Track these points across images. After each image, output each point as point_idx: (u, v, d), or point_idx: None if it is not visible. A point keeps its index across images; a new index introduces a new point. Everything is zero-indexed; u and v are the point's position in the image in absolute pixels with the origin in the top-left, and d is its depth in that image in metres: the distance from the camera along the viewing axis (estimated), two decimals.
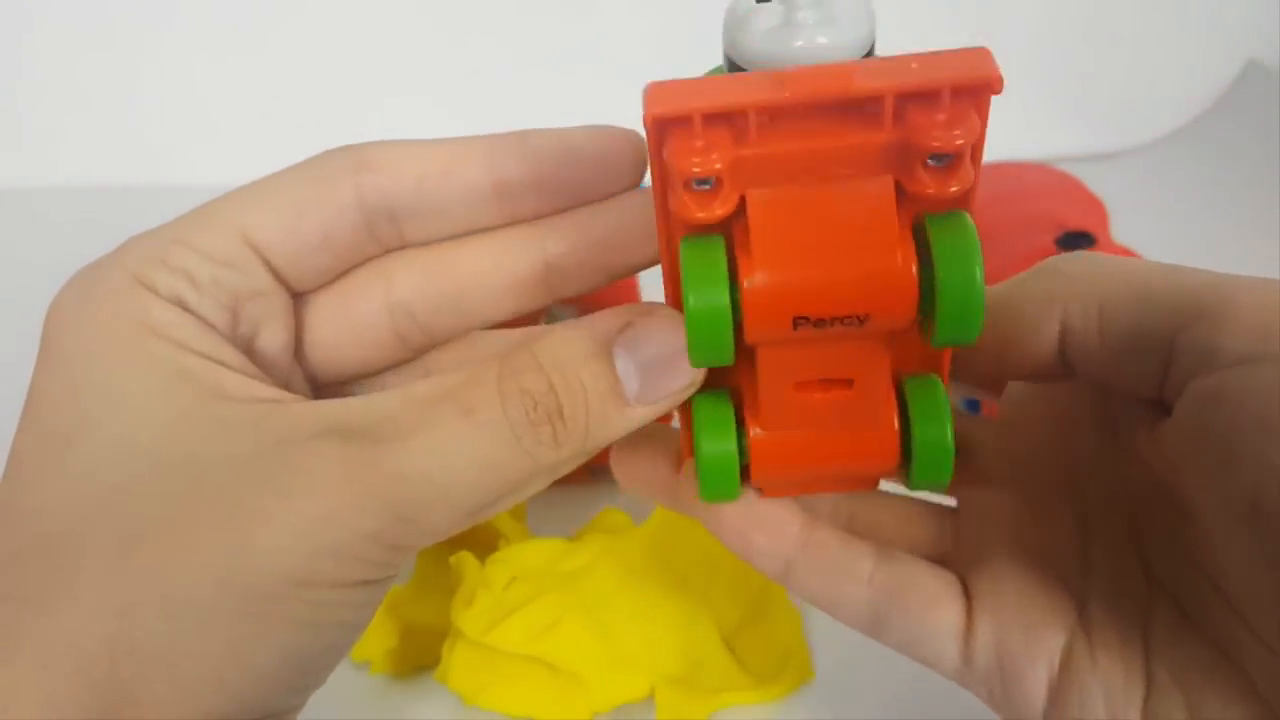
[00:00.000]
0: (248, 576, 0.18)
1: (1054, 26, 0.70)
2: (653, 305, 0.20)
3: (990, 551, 0.22)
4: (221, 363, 0.20)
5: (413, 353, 0.24)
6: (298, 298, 0.22)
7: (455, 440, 0.18)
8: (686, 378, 0.20)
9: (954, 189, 0.17)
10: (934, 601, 0.22)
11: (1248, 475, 0.17)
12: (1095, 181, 0.49)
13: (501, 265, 0.23)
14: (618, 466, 0.24)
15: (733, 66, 0.18)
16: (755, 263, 0.17)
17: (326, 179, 0.21)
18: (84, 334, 0.20)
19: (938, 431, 0.20)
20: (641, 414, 0.20)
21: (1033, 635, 0.21)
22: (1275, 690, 0.18)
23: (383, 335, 0.23)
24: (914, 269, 0.17)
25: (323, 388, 0.24)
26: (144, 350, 0.19)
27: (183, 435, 0.19)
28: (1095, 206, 0.47)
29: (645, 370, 0.19)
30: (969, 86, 0.16)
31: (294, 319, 0.23)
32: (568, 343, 0.19)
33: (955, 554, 0.23)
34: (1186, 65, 0.70)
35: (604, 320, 0.20)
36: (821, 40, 0.17)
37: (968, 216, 0.17)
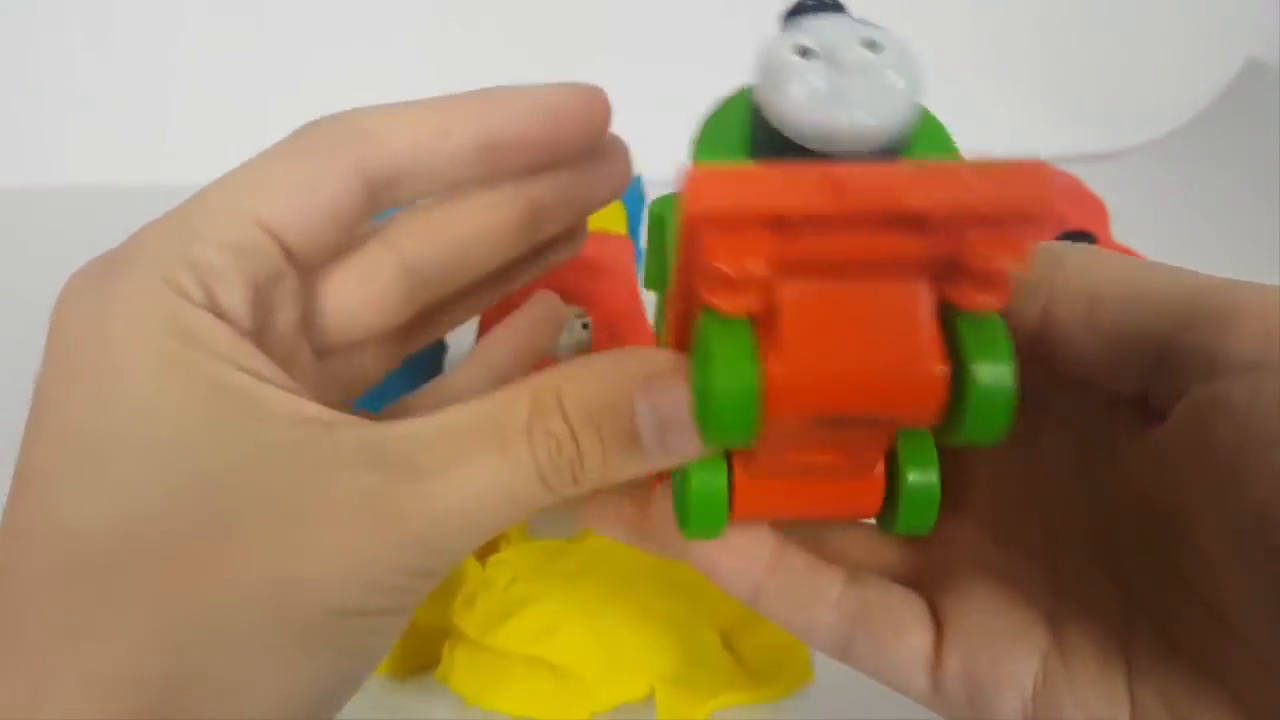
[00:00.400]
0: (296, 609, 0.18)
1: (1054, 26, 0.70)
2: (676, 362, 0.19)
3: (957, 574, 0.22)
4: (258, 374, 0.19)
5: (419, 309, 0.24)
6: (304, 271, 0.22)
7: (488, 477, 0.19)
8: (697, 442, 0.19)
9: (992, 303, 0.16)
10: (902, 628, 0.21)
11: (1254, 488, 0.16)
12: (1095, 181, 0.49)
13: (494, 218, 0.23)
14: (584, 508, 0.23)
15: (760, 116, 0.17)
16: (784, 357, 0.16)
17: (328, 152, 0.21)
18: (109, 341, 0.19)
19: (927, 486, 0.20)
20: (657, 462, 0.20)
21: (1001, 660, 0.20)
22: (1267, 712, 0.17)
23: (395, 299, 0.24)
24: (946, 381, 0.16)
25: (331, 353, 0.24)
26: (179, 361, 0.19)
27: (222, 454, 0.18)
28: (1095, 206, 0.47)
29: (663, 426, 0.19)
30: (1024, 215, 0.15)
31: (303, 295, 0.23)
32: (591, 390, 0.19)
33: (924, 576, 0.22)
34: (1186, 64, 0.70)
35: (627, 365, 0.20)
36: (869, 122, 0.16)
37: (1001, 322, 0.17)
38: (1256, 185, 0.59)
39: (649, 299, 0.30)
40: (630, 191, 0.47)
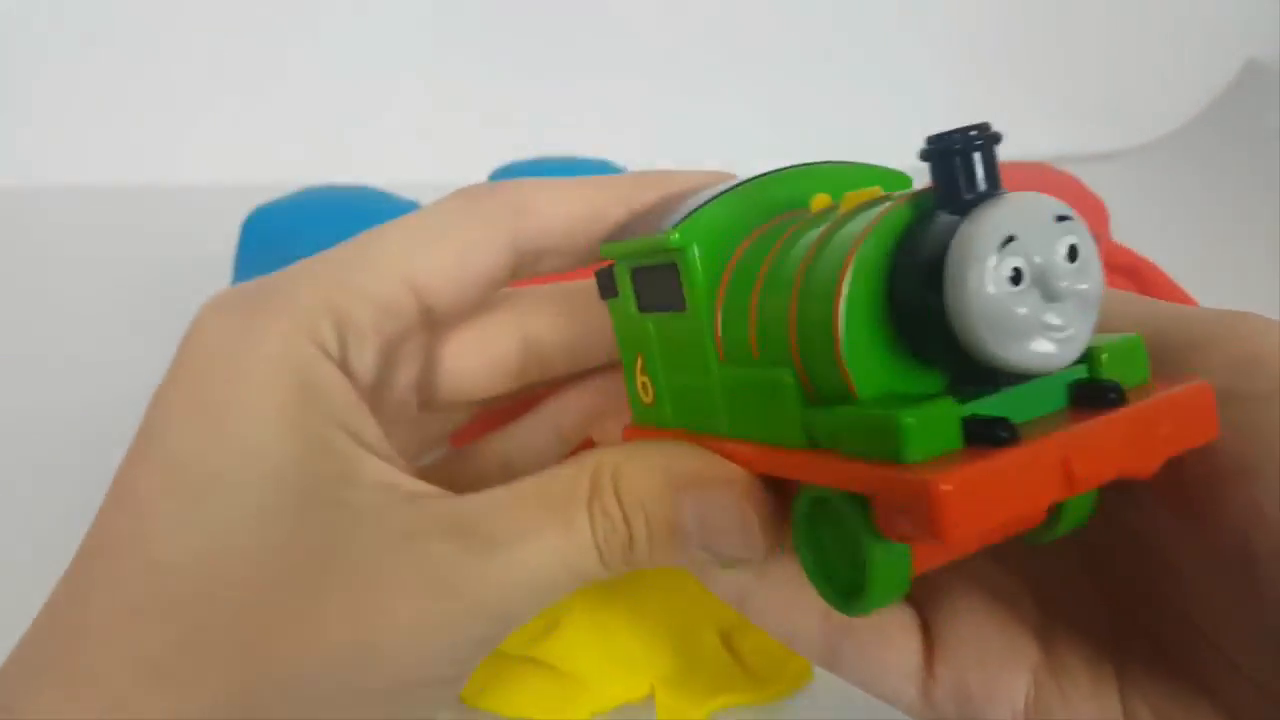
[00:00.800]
0: (370, 677, 0.18)
1: (1054, 26, 0.70)
2: (720, 470, 0.20)
3: (947, 587, 0.22)
4: (363, 440, 0.20)
5: (526, 383, 0.25)
6: (432, 328, 0.23)
7: (554, 552, 0.19)
8: (742, 552, 0.20)
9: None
10: (890, 639, 0.21)
11: (1230, 518, 0.16)
12: (1095, 181, 0.49)
13: None
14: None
15: (926, 302, 0.15)
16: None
17: (486, 222, 0.22)
18: (240, 379, 0.19)
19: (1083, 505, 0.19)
20: (702, 557, 0.20)
21: (993, 673, 0.20)
22: None
23: (509, 368, 0.24)
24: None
25: (439, 407, 0.24)
26: (297, 415, 0.19)
27: (312, 514, 0.19)
28: (1095, 206, 0.47)
29: (706, 530, 0.20)
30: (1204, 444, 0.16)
31: (425, 352, 0.23)
32: (642, 478, 0.20)
33: (915, 591, 0.22)
34: (1186, 64, 0.70)
35: (678, 462, 0.20)
36: (1063, 361, 0.15)
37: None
38: (1256, 185, 0.60)
39: None
40: None
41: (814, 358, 0.17)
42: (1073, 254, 0.15)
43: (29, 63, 0.64)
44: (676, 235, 0.19)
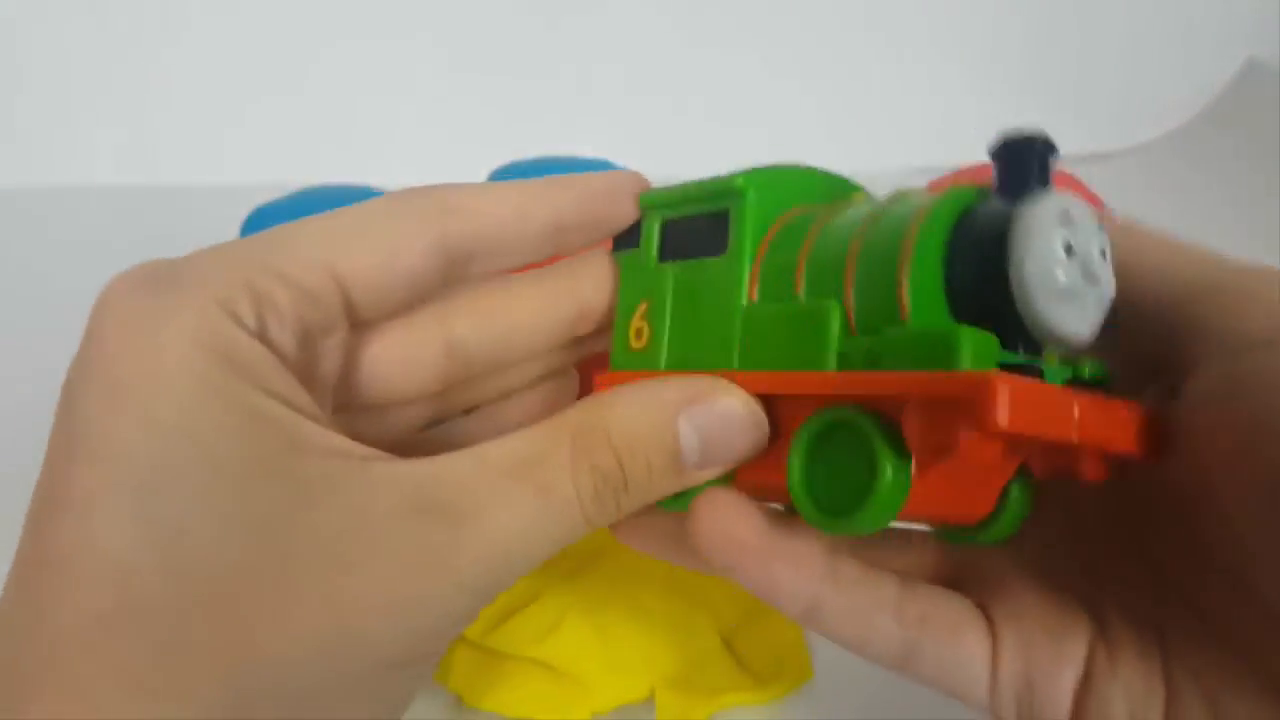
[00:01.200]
0: (352, 662, 0.18)
1: (1054, 26, 0.70)
2: (717, 381, 0.21)
3: (1000, 572, 0.22)
4: (298, 408, 0.19)
5: (451, 385, 0.25)
6: (355, 327, 0.23)
7: (532, 520, 0.19)
8: (743, 448, 0.21)
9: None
10: (962, 629, 0.21)
11: (1272, 451, 0.17)
12: (1095, 181, 0.49)
13: (546, 310, 0.24)
14: (616, 526, 0.23)
15: (987, 263, 0.18)
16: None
17: (415, 220, 0.22)
18: (157, 358, 0.18)
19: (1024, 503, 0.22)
20: (697, 477, 0.21)
21: (1056, 650, 0.21)
22: None
23: (433, 371, 0.24)
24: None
25: (356, 411, 0.24)
26: (226, 390, 0.18)
27: (264, 490, 0.18)
28: (1095, 206, 0.47)
29: (708, 441, 0.20)
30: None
31: (346, 351, 0.23)
32: (638, 417, 0.20)
33: (966, 578, 0.23)
34: (1186, 64, 0.70)
35: (672, 390, 0.21)
36: (1084, 336, 0.18)
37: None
38: (1256, 185, 0.60)
39: None
40: None
41: (872, 287, 0.19)
42: (1104, 254, 0.18)
43: (29, 63, 0.64)
44: (741, 180, 0.22)
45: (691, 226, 0.23)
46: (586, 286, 0.24)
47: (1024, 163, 0.19)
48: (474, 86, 0.64)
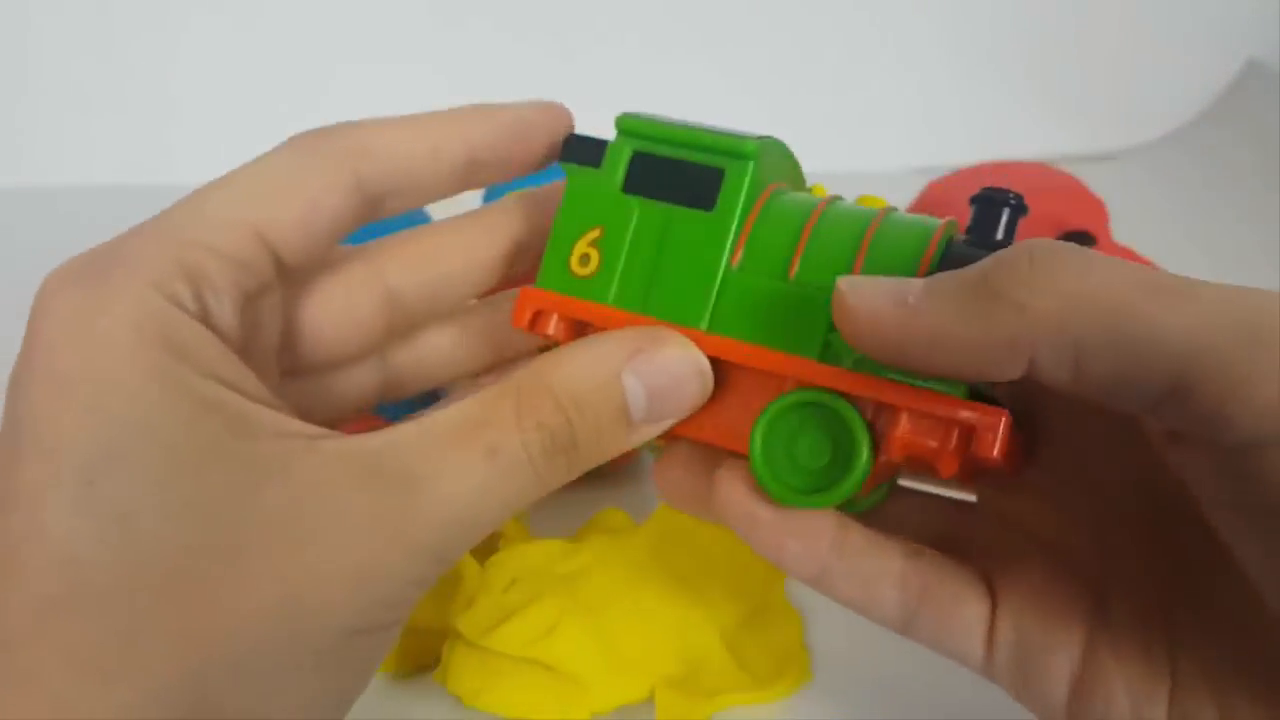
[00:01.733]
0: (309, 633, 0.18)
1: (1054, 26, 0.70)
2: (658, 332, 0.21)
3: (1009, 546, 0.23)
4: (244, 391, 0.19)
5: (394, 335, 0.25)
6: (287, 286, 0.22)
7: (482, 481, 0.19)
8: (690, 400, 0.21)
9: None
10: (961, 598, 0.22)
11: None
12: (1095, 181, 0.49)
13: (478, 249, 0.24)
14: (662, 480, 0.24)
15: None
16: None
17: (328, 165, 0.21)
18: (99, 348, 0.18)
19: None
20: (646, 432, 0.21)
21: (1051, 629, 0.21)
22: None
23: (374, 324, 0.24)
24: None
25: (304, 375, 0.24)
26: (169, 376, 0.18)
27: (213, 474, 0.18)
28: (1095, 206, 0.47)
29: (653, 394, 0.20)
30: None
31: (287, 313, 0.23)
32: (582, 374, 0.20)
33: (976, 549, 0.23)
34: (1186, 65, 0.70)
35: (614, 345, 0.20)
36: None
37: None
38: (1256, 185, 0.60)
39: None
40: None
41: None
42: None
43: (29, 63, 0.64)
44: (752, 145, 0.22)
45: (674, 170, 0.22)
46: (518, 223, 0.24)
47: (995, 217, 0.21)
48: (475, 81, 0.64)
